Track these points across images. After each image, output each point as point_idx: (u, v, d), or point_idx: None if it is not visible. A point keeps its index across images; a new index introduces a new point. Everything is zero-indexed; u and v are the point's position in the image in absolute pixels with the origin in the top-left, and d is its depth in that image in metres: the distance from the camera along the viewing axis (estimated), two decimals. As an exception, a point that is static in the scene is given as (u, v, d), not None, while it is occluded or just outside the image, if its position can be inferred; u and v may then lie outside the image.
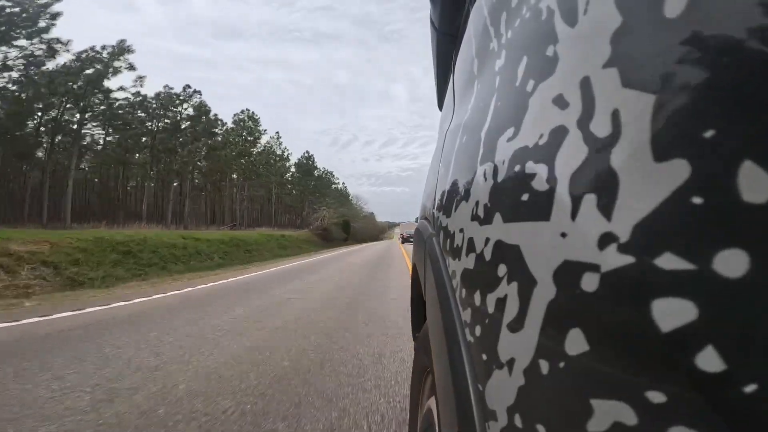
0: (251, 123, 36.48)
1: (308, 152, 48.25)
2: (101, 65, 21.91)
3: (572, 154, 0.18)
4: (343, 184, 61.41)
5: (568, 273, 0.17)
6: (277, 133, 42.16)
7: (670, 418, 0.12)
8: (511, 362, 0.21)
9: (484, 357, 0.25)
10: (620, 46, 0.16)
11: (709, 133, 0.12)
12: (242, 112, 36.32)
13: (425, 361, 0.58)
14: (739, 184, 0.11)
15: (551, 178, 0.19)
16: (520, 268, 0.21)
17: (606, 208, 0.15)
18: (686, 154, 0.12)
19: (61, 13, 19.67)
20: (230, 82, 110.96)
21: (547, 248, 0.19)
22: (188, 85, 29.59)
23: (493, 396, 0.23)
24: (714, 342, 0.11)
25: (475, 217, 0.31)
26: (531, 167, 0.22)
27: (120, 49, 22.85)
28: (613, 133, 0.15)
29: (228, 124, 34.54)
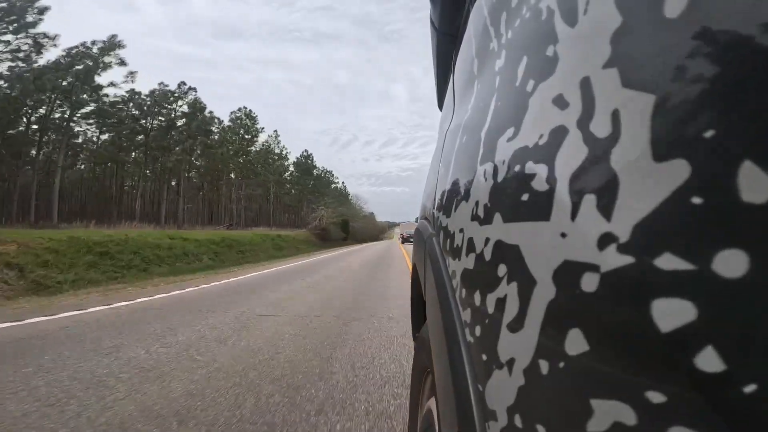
0: (248, 121, 36.00)
1: (307, 151, 47.87)
2: (91, 61, 21.52)
3: (572, 154, 0.18)
4: (343, 183, 61.19)
5: (568, 273, 0.17)
6: (275, 132, 41.91)
7: (670, 418, 0.12)
8: (511, 362, 0.21)
9: (484, 357, 0.25)
10: (620, 46, 0.16)
11: (709, 133, 0.12)
12: (239, 109, 35.88)
13: (425, 361, 0.58)
14: (739, 184, 0.11)
15: (551, 178, 0.19)
16: (520, 268, 0.21)
17: (606, 208, 0.15)
18: (686, 154, 0.12)
19: (48, 8, 19.39)
20: (230, 82, 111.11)
21: (547, 248, 0.19)
22: (183, 82, 29.14)
23: (493, 396, 0.23)
24: (714, 342, 0.11)
25: (475, 217, 0.31)
26: (531, 167, 0.22)
27: (110, 44, 22.46)
28: (613, 133, 0.15)
29: (225, 122, 34.04)
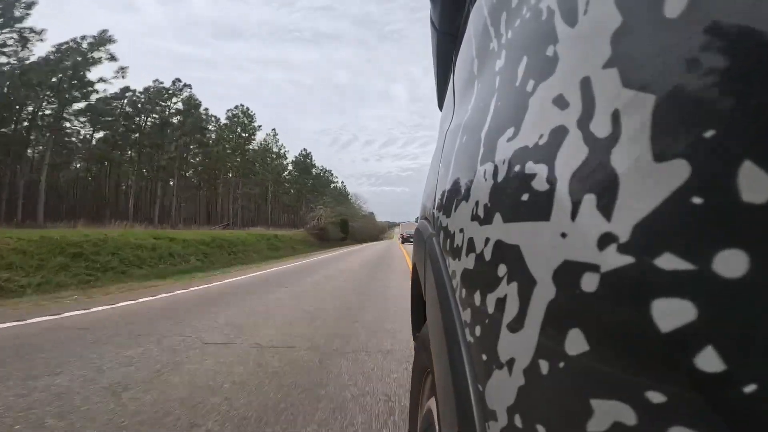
0: (245, 119, 35.31)
1: (306, 149, 47.03)
2: (80, 56, 21.12)
3: (572, 154, 0.18)
4: (342, 183, 60.79)
5: (568, 273, 0.17)
6: (274, 130, 41.31)
7: (670, 418, 0.12)
8: (511, 362, 0.21)
9: (484, 357, 0.25)
10: (620, 46, 0.16)
11: (709, 133, 0.12)
12: (236, 107, 35.23)
13: (425, 362, 0.58)
14: (739, 184, 0.11)
15: (551, 178, 0.19)
16: (520, 268, 0.21)
17: (606, 208, 0.15)
18: (686, 154, 0.12)
19: (36, 2, 19.17)
20: (230, 82, 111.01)
21: (547, 248, 0.19)
22: (178, 79, 28.68)
23: (493, 396, 0.23)
24: (714, 342, 0.11)
25: (475, 217, 0.31)
26: (531, 167, 0.22)
27: (101, 39, 22.04)
28: (613, 133, 0.15)
29: (222, 120, 33.43)
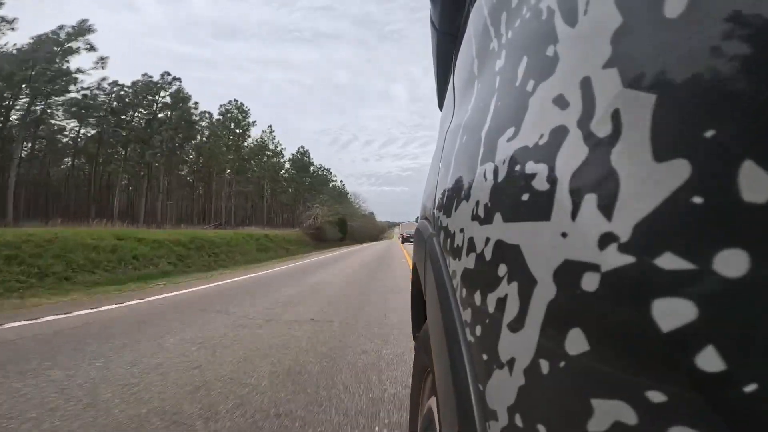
0: (239, 114, 34.40)
1: (303, 147, 46.15)
2: (57, 46, 20.36)
3: (572, 154, 0.18)
4: (341, 182, 60.18)
5: (568, 273, 0.17)
6: (270, 127, 40.60)
7: (670, 418, 0.12)
8: (511, 362, 0.21)
9: (485, 357, 0.25)
10: (620, 46, 0.16)
11: (710, 133, 0.12)
12: (229, 102, 34.38)
13: (425, 361, 0.58)
14: (739, 184, 0.11)
15: (551, 178, 0.19)
16: (521, 267, 0.21)
17: (606, 208, 0.15)
18: (686, 154, 0.12)
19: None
20: (230, 82, 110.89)
21: (548, 248, 0.19)
22: (167, 72, 27.89)
23: (494, 396, 0.23)
24: (714, 342, 0.11)
25: (475, 217, 0.31)
26: (531, 167, 0.22)
27: (80, 29, 21.17)
28: (613, 133, 0.15)
29: (215, 116, 32.43)
